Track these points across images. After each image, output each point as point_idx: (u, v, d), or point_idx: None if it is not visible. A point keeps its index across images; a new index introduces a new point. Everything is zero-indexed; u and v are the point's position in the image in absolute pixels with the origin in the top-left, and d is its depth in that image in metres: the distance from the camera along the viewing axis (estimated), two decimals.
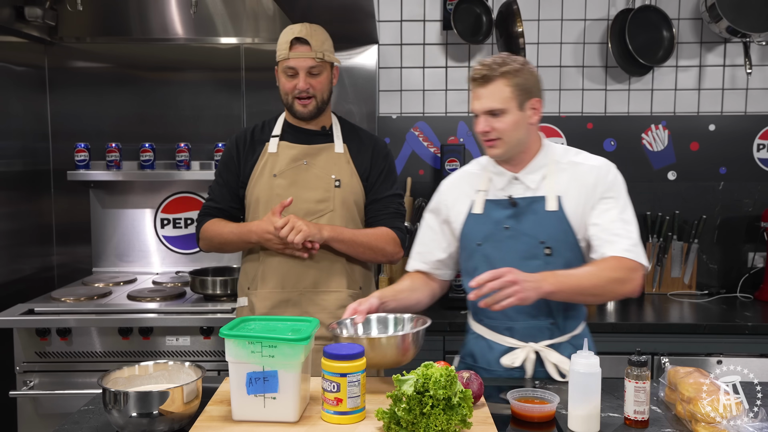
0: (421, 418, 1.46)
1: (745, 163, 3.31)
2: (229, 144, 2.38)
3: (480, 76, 1.87)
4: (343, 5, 2.72)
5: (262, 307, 2.27)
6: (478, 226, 1.98)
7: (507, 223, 1.93)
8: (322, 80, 2.25)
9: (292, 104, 2.26)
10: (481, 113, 1.89)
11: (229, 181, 2.36)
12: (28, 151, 3.26)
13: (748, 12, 3.09)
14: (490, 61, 1.88)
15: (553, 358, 1.92)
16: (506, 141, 1.89)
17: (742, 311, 2.94)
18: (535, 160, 1.96)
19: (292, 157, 2.29)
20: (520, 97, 1.87)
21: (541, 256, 1.90)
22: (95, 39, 3.37)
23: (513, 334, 1.95)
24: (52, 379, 2.68)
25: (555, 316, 1.93)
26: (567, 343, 1.95)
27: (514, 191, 1.95)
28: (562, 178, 1.94)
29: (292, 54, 2.21)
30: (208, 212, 2.38)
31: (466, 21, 3.23)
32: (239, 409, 1.57)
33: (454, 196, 2.06)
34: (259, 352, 1.54)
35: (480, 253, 1.96)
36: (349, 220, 2.28)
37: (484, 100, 1.87)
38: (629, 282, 1.84)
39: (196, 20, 3.24)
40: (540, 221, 1.91)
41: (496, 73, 1.85)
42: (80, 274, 3.39)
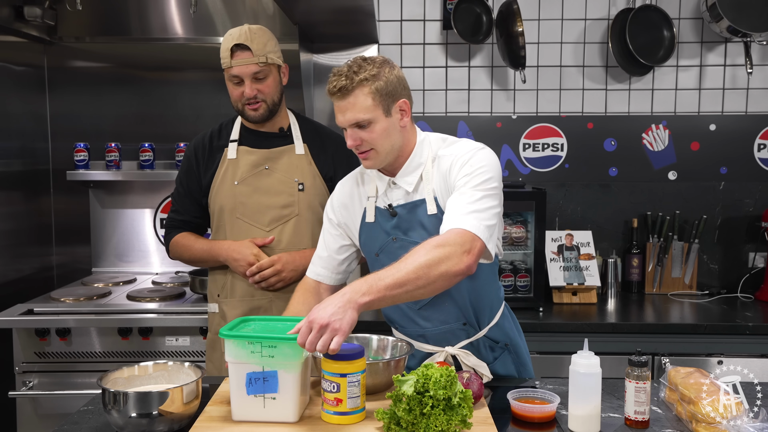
0: (422, 418, 1.46)
1: (746, 163, 3.31)
2: (188, 152, 2.35)
3: (338, 89, 1.71)
4: (343, 5, 2.72)
5: (233, 316, 2.24)
6: (372, 236, 1.89)
7: (393, 233, 1.84)
8: (270, 83, 2.20)
9: (243, 110, 2.22)
10: (347, 126, 1.75)
11: (190, 189, 2.33)
12: (27, 151, 3.26)
13: (749, 11, 3.09)
14: (345, 70, 1.72)
15: (470, 361, 1.86)
16: (379, 151, 1.77)
17: (743, 311, 2.94)
18: (410, 161, 1.83)
19: (253, 162, 2.25)
20: (385, 102, 1.73)
21: None
22: (95, 39, 3.37)
23: (427, 340, 1.90)
24: (51, 379, 2.68)
25: (466, 316, 1.86)
26: (484, 338, 1.90)
27: (393, 198, 1.85)
28: (436, 174, 1.82)
29: (234, 62, 2.15)
30: (174, 224, 2.37)
31: (466, 21, 3.23)
32: (239, 409, 1.56)
33: (348, 201, 1.96)
34: (259, 352, 1.53)
35: (380, 263, 1.83)
36: (315, 223, 2.24)
37: (348, 114, 1.73)
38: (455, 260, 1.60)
39: (196, 20, 3.23)
40: (424, 227, 1.80)
41: (354, 83, 1.70)
42: (80, 274, 3.39)
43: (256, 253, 2.20)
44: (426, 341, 1.91)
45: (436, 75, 3.35)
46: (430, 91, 3.36)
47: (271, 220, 2.24)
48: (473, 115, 3.35)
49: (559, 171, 3.33)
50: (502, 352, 1.94)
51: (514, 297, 2.94)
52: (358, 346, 1.60)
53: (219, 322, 2.31)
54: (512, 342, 1.97)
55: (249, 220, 2.24)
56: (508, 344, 1.95)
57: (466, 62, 3.35)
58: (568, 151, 3.33)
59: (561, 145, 3.34)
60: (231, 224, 2.26)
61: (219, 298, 2.32)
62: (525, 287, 2.95)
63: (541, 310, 2.89)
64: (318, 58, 3.32)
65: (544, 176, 3.34)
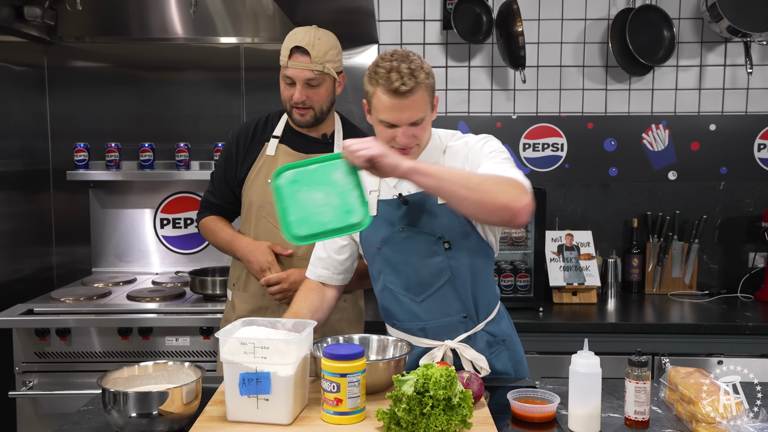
0: (422, 418, 1.46)
1: (746, 163, 3.31)
2: (230, 137, 2.36)
3: (408, 89, 1.70)
4: (343, 5, 2.72)
5: (242, 310, 2.30)
6: (375, 230, 1.86)
7: (401, 223, 1.86)
8: (321, 92, 2.18)
9: (291, 112, 2.23)
10: (405, 125, 1.75)
11: (227, 176, 2.35)
12: (27, 151, 3.26)
13: (749, 11, 3.09)
14: (405, 69, 1.71)
15: (468, 354, 1.88)
16: (421, 146, 1.82)
17: (743, 311, 2.94)
18: (426, 152, 1.86)
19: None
20: (431, 99, 1.79)
21: (442, 252, 1.84)
22: (95, 39, 3.37)
23: (427, 335, 1.91)
24: (51, 379, 2.68)
25: (466, 308, 1.89)
26: (483, 332, 1.92)
27: (405, 187, 1.86)
28: (449, 164, 1.85)
29: (291, 63, 2.15)
30: (207, 206, 2.40)
31: (466, 21, 3.23)
32: (233, 409, 1.56)
33: None
34: (252, 353, 1.53)
35: (381, 257, 1.88)
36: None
37: (408, 112, 1.73)
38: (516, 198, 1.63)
39: (196, 20, 3.24)
40: (434, 217, 1.83)
41: (418, 83, 1.71)
42: (80, 274, 3.39)
43: (270, 261, 2.20)
44: (425, 335, 1.91)
45: (436, 75, 3.33)
46: None
47: None
48: (473, 115, 3.35)
49: (559, 171, 3.33)
50: (499, 347, 1.95)
51: (514, 297, 2.94)
52: (358, 346, 1.60)
53: (230, 311, 2.37)
54: (509, 338, 1.98)
55: (273, 221, 2.21)
56: (505, 339, 1.96)
57: (466, 62, 3.35)
58: (568, 151, 3.33)
59: (561, 145, 3.34)
60: (256, 220, 2.27)
61: (234, 288, 2.36)
62: (525, 287, 2.95)
63: (541, 310, 2.89)
64: None
65: (544, 176, 3.34)
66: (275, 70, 2.27)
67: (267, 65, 3.18)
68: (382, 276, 1.91)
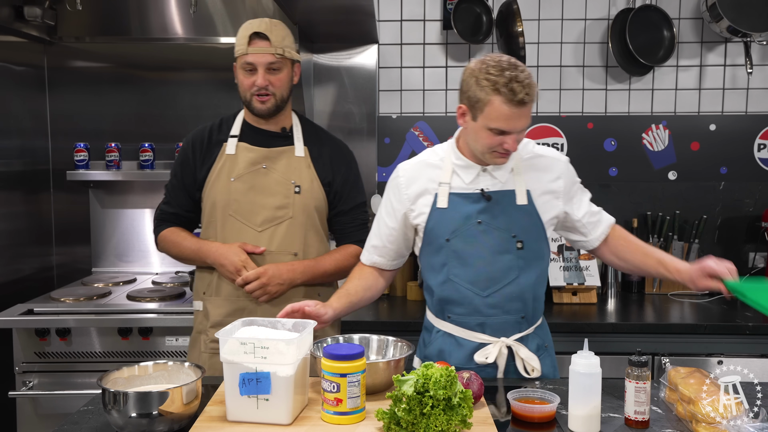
0: (421, 418, 1.46)
1: (746, 163, 3.31)
2: (185, 143, 2.30)
3: (530, 100, 1.77)
4: (343, 5, 2.72)
5: (217, 315, 2.21)
6: (445, 221, 1.92)
7: (479, 217, 1.90)
8: (282, 77, 2.16)
9: (251, 101, 2.17)
10: (517, 132, 1.81)
11: (185, 182, 2.28)
12: (27, 151, 3.26)
13: (749, 11, 3.09)
14: (524, 79, 1.76)
15: (522, 353, 1.92)
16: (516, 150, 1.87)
17: (743, 311, 2.93)
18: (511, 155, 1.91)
19: (251, 160, 2.21)
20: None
21: (514, 251, 1.90)
22: (95, 39, 3.37)
23: (485, 330, 1.93)
24: (51, 379, 2.68)
25: (526, 309, 1.94)
26: (533, 335, 1.97)
27: (483, 184, 1.92)
28: (529, 170, 1.94)
29: (251, 49, 2.11)
30: (165, 217, 2.32)
31: (466, 21, 3.23)
32: (233, 409, 1.56)
33: (415, 189, 1.98)
34: (252, 353, 1.53)
35: (449, 248, 1.92)
36: (309, 227, 2.22)
37: (524, 120, 1.80)
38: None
39: (196, 20, 3.23)
40: (512, 215, 1.90)
41: (534, 92, 1.78)
42: (80, 274, 3.38)
43: (243, 260, 2.14)
44: (483, 330, 1.93)
45: (436, 75, 3.35)
46: (430, 91, 3.36)
47: (264, 221, 2.19)
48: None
49: None
50: (545, 351, 2.00)
51: None
52: (358, 346, 1.60)
53: (202, 320, 2.27)
54: (551, 345, 2.05)
55: (241, 218, 2.19)
56: (547, 345, 2.03)
57: (466, 62, 3.34)
58: (568, 151, 3.33)
59: (561, 145, 3.34)
60: (223, 221, 2.21)
61: (204, 296, 2.27)
62: None
63: None
64: (318, 58, 3.32)
65: None
66: None
67: None
68: (446, 268, 1.92)
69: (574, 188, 2.00)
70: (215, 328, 2.17)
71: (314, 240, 2.24)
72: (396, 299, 3.15)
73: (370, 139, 3.34)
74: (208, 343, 2.22)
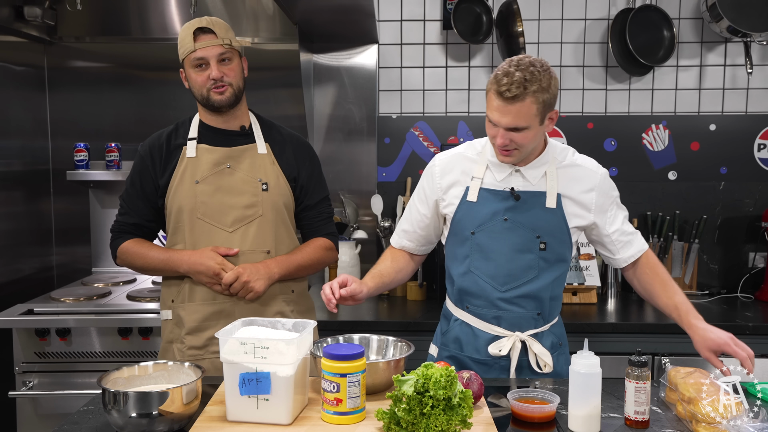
0: (421, 418, 1.46)
1: (746, 163, 3.31)
2: (141, 151, 2.22)
3: (512, 96, 1.76)
4: (343, 5, 2.72)
5: (192, 321, 2.14)
6: (472, 214, 1.96)
7: (506, 214, 1.93)
8: (234, 67, 2.13)
9: (208, 96, 2.12)
10: (504, 128, 1.82)
11: (145, 190, 2.19)
12: (27, 151, 3.26)
13: (749, 11, 3.09)
14: (519, 76, 1.76)
15: (536, 348, 1.94)
16: (522, 152, 1.88)
17: (743, 311, 2.94)
18: (540, 158, 1.95)
19: (214, 161, 2.16)
20: (543, 112, 1.82)
21: (536, 251, 1.93)
22: (95, 39, 3.37)
23: (500, 323, 1.95)
24: (51, 379, 2.68)
25: (542, 307, 1.96)
26: (548, 332, 1.99)
27: (514, 183, 1.95)
28: (563, 177, 1.96)
29: (198, 44, 2.08)
30: (124, 229, 2.22)
31: (466, 21, 3.23)
32: (233, 409, 1.56)
33: (448, 179, 2.02)
34: (252, 353, 1.53)
35: (473, 241, 1.96)
36: (279, 224, 2.19)
37: (510, 117, 1.79)
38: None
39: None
40: (539, 216, 1.93)
41: (527, 92, 1.76)
42: (80, 274, 3.38)
43: (220, 263, 2.08)
44: (499, 324, 1.96)
45: (436, 75, 3.35)
46: (430, 91, 3.36)
47: (234, 221, 2.14)
48: (473, 115, 3.35)
49: None
50: (560, 350, 2.02)
51: None
52: (358, 346, 1.60)
53: (172, 329, 2.19)
54: (566, 344, 2.07)
55: (211, 220, 2.14)
56: (562, 344, 2.04)
57: (466, 62, 3.35)
58: None
59: None
60: (191, 225, 2.14)
61: (174, 304, 2.18)
62: None
63: None
64: (318, 58, 3.32)
65: None
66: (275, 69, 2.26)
67: (267, 65, 3.17)
68: (469, 260, 1.96)
69: (608, 202, 2.00)
70: (192, 335, 2.14)
71: (285, 237, 2.22)
72: (396, 299, 3.15)
73: (370, 139, 3.34)
74: (185, 351, 2.15)
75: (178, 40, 2.15)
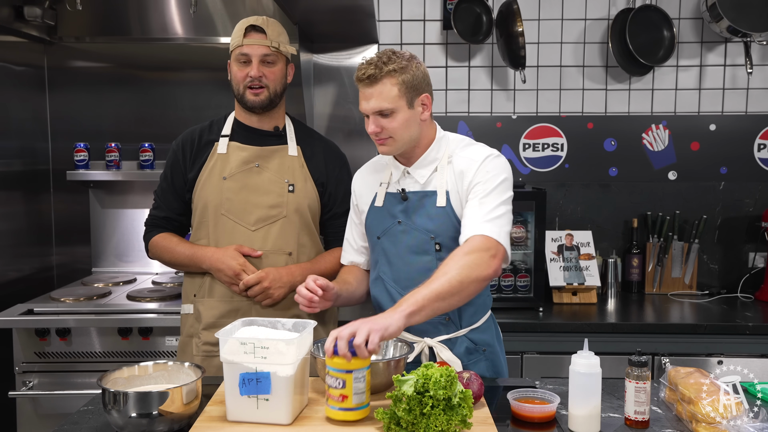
0: (422, 418, 1.46)
1: (746, 163, 3.31)
2: (174, 146, 2.27)
3: (366, 77, 1.80)
4: (343, 5, 2.72)
5: (209, 317, 2.17)
6: (378, 220, 1.98)
7: (399, 217, 1.93)
8: (276, 71, 2.15)
9: (244, 94, 2.15)
10: (371, 113, 1.84)
11: (175, 184, 2.24)
12: (27, 151, 3.26)
13: (749, 11, 3.09)
14: (375, 59, 1.82)
15: (444, 355, 1.90)
16: (397, 139, 1.85)
17: (743, 311, 2.94)
18: (427, 155, 1.92)
19: (243, 159, 2.18)
20: (409, 94, 1.82)
21: (432, 252, 1.89)
22: (95, 39, 3.37)
23: (408, 329, 1.88)
24: (51, 379, 2.68)
25: (449, 311, 1.89)
26: (464, 338, 1.94)
27: (406, 185, 1.94)
28: (451, 172, 1.91)
29: (246, 41, 2.12)
30: (156, 223, 2.28)
31: (466, 21, 3.23)
32: (233, 409, 1.56)
33: (362, 186, 2.06)
34: (252, 353, 1.53)
35: (379, 246, 1.97)
36: (302, 227, 2.20)
37: (373, 101, 1.82)
38: (484, 265, 1.74)
39: (196, 20, 3.23)
40: (430, 216, 1.90)
41: (383, 72, 1.79)
42: (80, 274, 3.38)
43: (242, 264, 2.10)
44: (407, 329, 1.88)
45: (436, 75, 3.35)
46: None
47: (257, 220, 2.16)
48: (473, 115, 3.35)
49: (559, 171, 3.33)
50: (479, 356, 1.97)
51: (514, 297, 2.94)
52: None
53: (192, 323, 2.22)
54: (491, 348, 1.99)
55: (234, 217, 2.16)
56: (486, 349, 1.98)
57: (466, 62, 3.35)
58: (568, 151, 3.34)
59: (561, 145, 3.34)
60: (215, 221, 2.17)
61: (195, 299, 2.22)
62: (525, 287, 2.95)
63: (541, 310, 2.89)
64: (318, 58, 3.32)
65: (544, 176, 3.34)
66: None
67: None
68: (378, 266, 1.97)
69: (475, 184, 1.86)
70: (208, 330, 2.16)
71: (308, 240, 2.22)
72: None
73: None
74: (201, 346, 2.18)
75: (232, 33, 2.19)
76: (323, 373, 1.64)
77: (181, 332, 2.28)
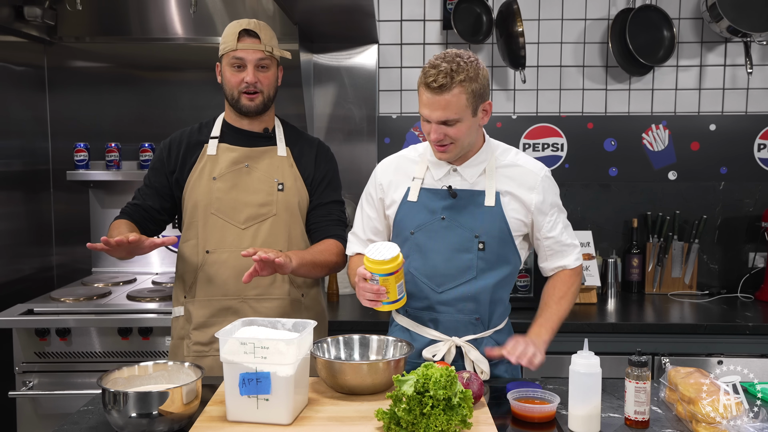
0: (421, 418, 1.46)
1: (746, 163, 3.31)
2: (161, 147, 2.26)
3: (438, 86, 1.76)
4: (343, 5, 2.72)
5: (200, 316, 2.16)
6: (412, 214, 1.95)
7: (443, 213, 1.92)
8: (270, 76, 2.16)
9: (238, 99, 2.15)
10: (435, 122, 1.82)
11: (156, 185, 2.23)
12: (27, 151, 3.26)
13: (749, 11, 3.09)
14: (446, 67, 1.77)
15: (472, 355, 1.91)
16: (458, 146, 1.86)
17: (743, 311, 2.94)
18: (477, 156, 1.93)
19: (233, 159, 2.19)
20: (475, 103, 1.81)
21: (474, 250, 1.90)
22: (95, 39, 3.37)
23: (437, 327, 1.93)
24: (51, 379, 2.68)
25: (481, 311, 1.93)
26: (489, 338, 1.95)
27: (452, 183, 1.93)
28: (503, 176, 1.93)
29: (241, 45, 2.11)
30: (125, 209, 2.24)
31: (466, 21, 3.23)
32: (233, 409, 1.56)
33: (389, 181, 2.02)
34: (252, 353, 1.53)
35: (412, 241, 1.94)
36: (293, 225, 2.20)
37: (439, 111, 1.79)
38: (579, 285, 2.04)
39: (196, 20, 3.23)
40: (476, 215, 1.90)
41: (454, 82, 1.76)
42: (80, 274, 3.38)
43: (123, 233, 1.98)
44: (435, 327, 1.94)
45: None
46: None
47: (247, 218, 2.16)
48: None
49: (559, 171, 3.33)
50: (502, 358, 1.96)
51: (514, 297, 2.91)
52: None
53: (183, 325, 2.21)
54: None
55: (224, 216, 2.16)
56: None
57: None
58: (568, 151, 3.34)
59: (561, 145, 3.34)
60: (204, 220, 2.16)
61: (185, 300, 2.21)
62: (525, 287, 2.95)
63: None
64: (318, 58, 3.32)
65: None
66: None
67: None
68: (408, 260, 1.94)
69: (548, 204, 1.95)
70: (199, 330, 2.15)
71: (299, 238, 2.22)
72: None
73: (370, 139, 3.34)
74: (191, 347, 2.17)
75: (222, 35, 2.18)
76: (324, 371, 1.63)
77: (172, 335, 2.26)
